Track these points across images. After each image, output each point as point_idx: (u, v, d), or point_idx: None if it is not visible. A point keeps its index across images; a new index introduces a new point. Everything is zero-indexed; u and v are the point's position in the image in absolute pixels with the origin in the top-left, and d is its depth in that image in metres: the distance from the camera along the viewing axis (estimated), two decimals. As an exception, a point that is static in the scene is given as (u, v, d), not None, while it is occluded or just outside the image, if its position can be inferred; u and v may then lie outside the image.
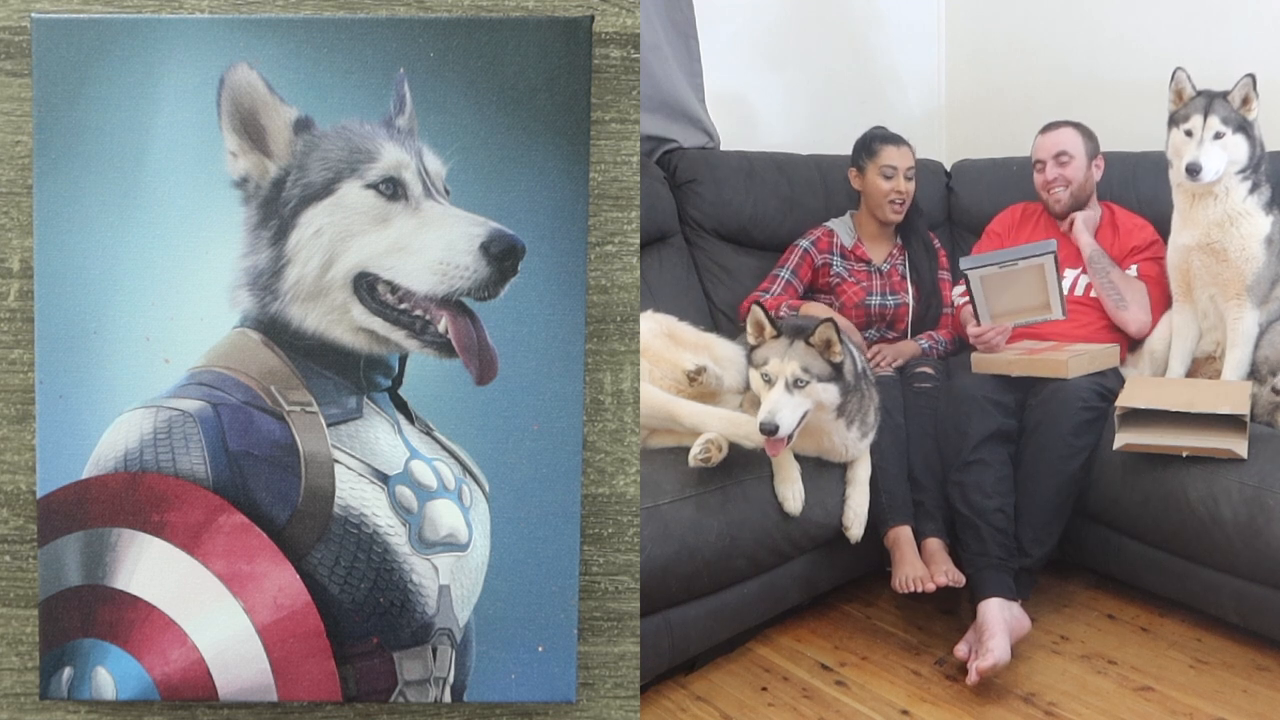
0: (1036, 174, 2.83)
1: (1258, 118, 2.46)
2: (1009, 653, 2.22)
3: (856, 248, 2.86)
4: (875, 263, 2.86)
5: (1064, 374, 2.50)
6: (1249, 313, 2.52)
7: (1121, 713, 2.14)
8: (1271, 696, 2.19)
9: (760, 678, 2.28)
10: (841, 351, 2.19)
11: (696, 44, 3.04)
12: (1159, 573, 2.45)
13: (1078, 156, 2.79)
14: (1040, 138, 2.84)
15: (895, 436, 2.49)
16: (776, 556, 2.28)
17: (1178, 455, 2.31)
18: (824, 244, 2.85)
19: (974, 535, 2.38)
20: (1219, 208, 2.49)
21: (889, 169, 2.81)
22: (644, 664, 2.21)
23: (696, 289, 2.89)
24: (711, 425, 2.18)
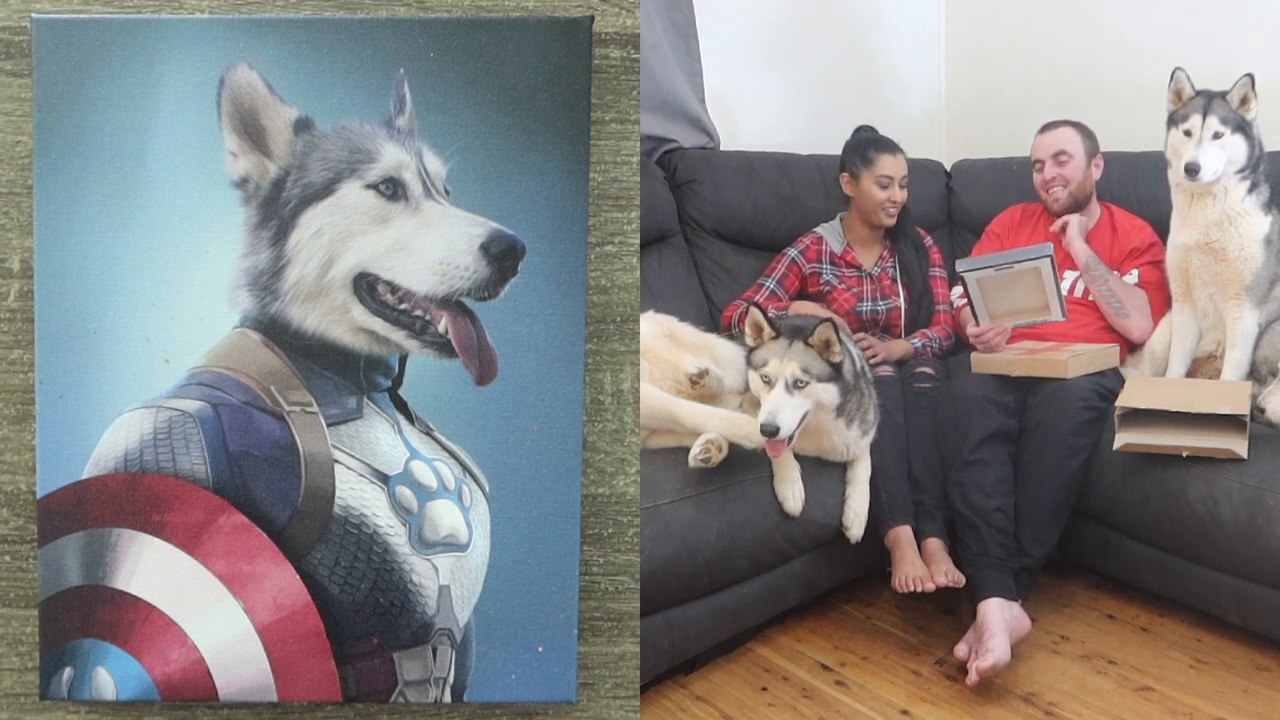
0: (1035, 173, 2.84)
1: (1256, 118, 2.45)
2: (1009, 653, 2.22)
3: (846, 253, 2.85)
4: (865, 268, 2.85)
5: (1064, 374, 2.50)
6: (1248, 312, 2.51)
7: (1121, 713, 2.14)
8: (1271, 697, 2.19)
9: (760, 678, 2.28)
10: (840, 351, 2.19)
11: (696, 44, 3.04)
12: (1159, 573, 2.45)
13: (1076, 156, 2.79)
14: (1039, 137, 2.84)
15: (895, 436, 2.48)
16: (776, 556, 2.28)
17: (1178, 455, 2.31)
18: (812, 252, 2.84)
19: (974, 535, 2.38)
20: (1218, 207, 2.49)
21: (885, 178, 2.81)
22: (644, 664, 2.21)
23: (697, 289, 2.89)
24: (712, 425, 2.18)
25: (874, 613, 2.55)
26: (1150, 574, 2.48)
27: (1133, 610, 2.55)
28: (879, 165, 2.82)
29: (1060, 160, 2.79)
